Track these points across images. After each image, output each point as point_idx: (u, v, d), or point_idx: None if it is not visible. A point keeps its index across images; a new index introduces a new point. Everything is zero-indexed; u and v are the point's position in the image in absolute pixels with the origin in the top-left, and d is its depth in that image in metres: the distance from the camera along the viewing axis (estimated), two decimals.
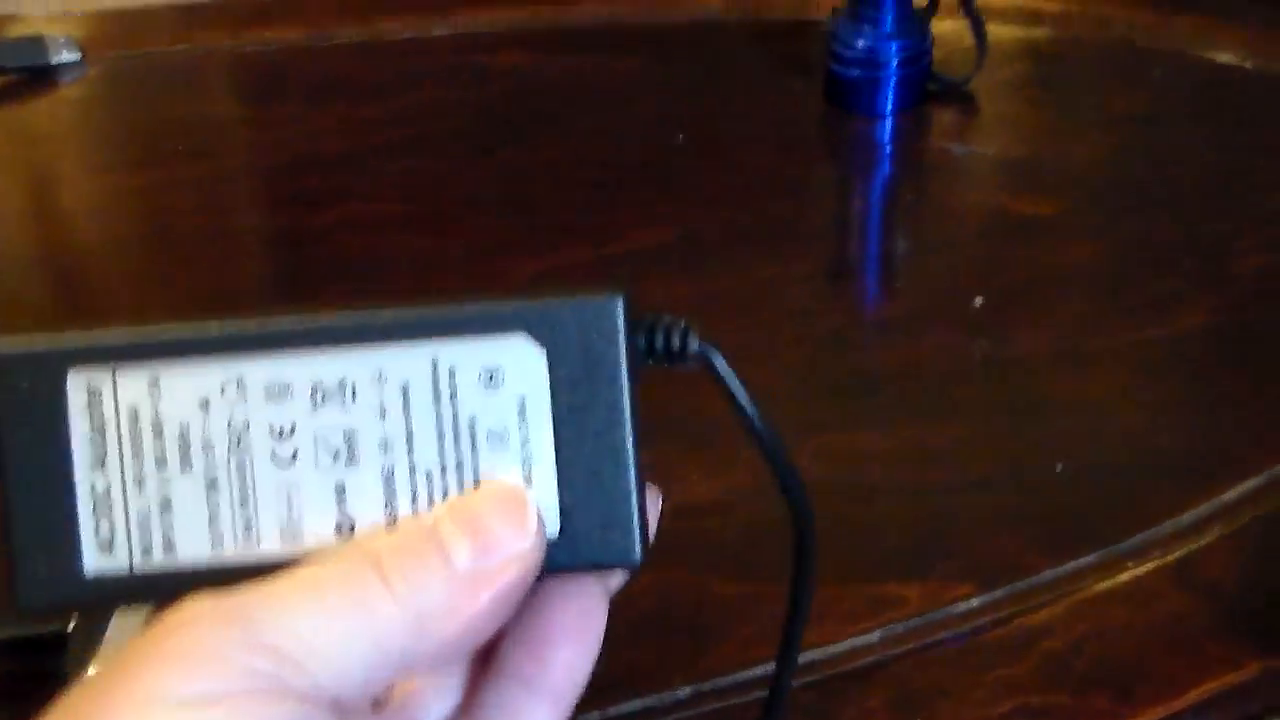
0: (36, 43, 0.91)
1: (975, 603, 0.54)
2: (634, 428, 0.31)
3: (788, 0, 0.97)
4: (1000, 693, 0.51)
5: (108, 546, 0.31)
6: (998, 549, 0.56)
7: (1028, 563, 0.56)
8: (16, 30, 0.93)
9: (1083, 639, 0.53)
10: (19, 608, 0.31)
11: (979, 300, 0.70)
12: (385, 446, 0.31)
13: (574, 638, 0.32)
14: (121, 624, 0.48)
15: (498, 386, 0.31)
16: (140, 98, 0.91)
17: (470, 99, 0.88)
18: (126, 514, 0.31)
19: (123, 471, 0.31)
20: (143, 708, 0.26)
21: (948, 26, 0.87)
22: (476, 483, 0.31)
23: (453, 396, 0.31)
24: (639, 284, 0.71)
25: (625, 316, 0.31)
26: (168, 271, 0.75)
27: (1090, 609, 0.54)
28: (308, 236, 0.77)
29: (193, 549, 0.31)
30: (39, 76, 0.90)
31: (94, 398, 0.31)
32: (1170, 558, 0.55)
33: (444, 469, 0.31)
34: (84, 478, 0.31)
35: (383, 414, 0.31)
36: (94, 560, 0.31)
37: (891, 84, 0.84)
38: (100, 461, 0.31)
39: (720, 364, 0.32)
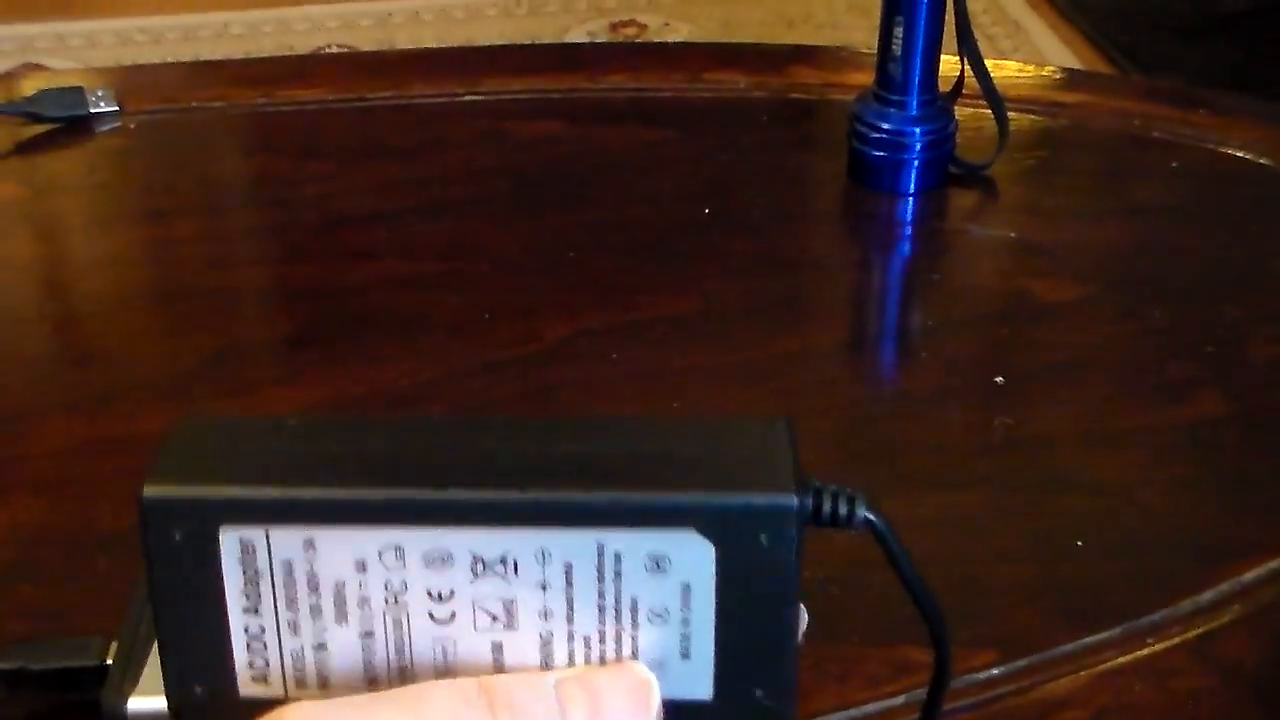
0: (76, 94, 0.92)
1: (996, 671, 0.55)
2: (796, 609, 0.31)
3: (811, 80, 0.99)
4: None
5: (263, 679, 0.31)
6: (1018, 619, 0.57)
7: (1048, 634, 0.56)
8: (56, 82, 0.95)
9: (1103, 711, 0.53)
10: None
11: (1000, 379, 0.71)
12: (545, 615, 0.31)
13: None
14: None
15: (663, 573, 0.31)
16: (175, 151, 0.93)
17: (502, 164, 0.90)
18: (281, 653, 0.31)
19: (277, 617, 0.31)
20: None
21: (970, 113, 0.89)
22: (635, 653, 0.31)
23: (616, 578, 0.31)
24: (664, 351, 0.73)
25: (800, 520, 0.31)
26: (197, 323, 0.76)
27: (1111, 682, 0.54)
28: (339, 292, 0.78)
29: (348, 689, 0.31)
30: (77, 126, 0.92)
31: (247, 552, 0.31)
32: (1191, 634, 0.56)
33: (603, 636, 0.31)
34: (237, 620, 0.31)
35: (544, 587, 0.30)
36: (249, 689, 0.31)
37: (915, 166, 0.86)
38: (254, 608, 0.31)
39: (888, 535, 0.33)
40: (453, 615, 0.31)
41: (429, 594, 0.30)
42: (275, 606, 0.31)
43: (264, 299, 0.81)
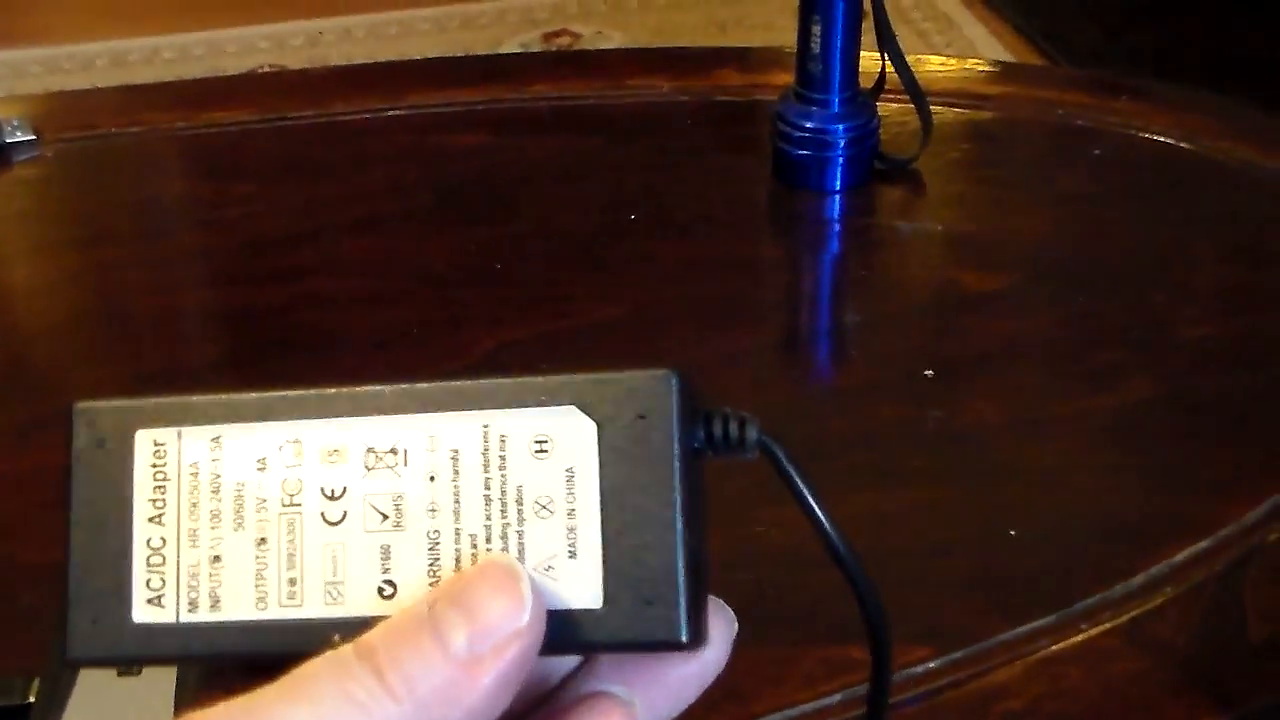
0: None
1: (933, 665, 0.55)
2: (684, 506, 0.31)
3: (736, 82, 0.99)
4: None
5: (157, 600, 0.32)
6: (954, 612, 0.57)
7: (983, 625, 0.56)
8: None
9: (1039, 699, 0.53)
10: (66, 658, 0.32)
11: (929, 372, 0.71)
12: (432, 511, 0.31)
13: None
14: (85, 694, 0.48)
15: (547, 456, 0.31)
16: (95, 178, 0.92)
17: (426, 178, 0.89)
18: (178, 569, 0.32)
19: (179, 527, 0.32)
20: None
21: (894, 108, 0.89)
22: (521, 552, 0.31)
23: (502, 464, 0.31)
24: (593, 357, 0.72)
25: (679, 395, 0.31)
26: (122, 350, 0.76)
27: (1046, 670, 0.54)
28: (265, 313, 0.77)
29: (238, 607, 0.32)
30: None
31: (159, 456, 0.32)
32: (1123, 618, 0.56)
33: (489, 535, 0.31)
34: (141, 532, 0.32)
35: (432, 479, 0.31)
36: (142, 614, 0.32)
37: (839, 163, 0.86)
38: (158, 517, 0.32)
39: (783, 458, 0.32)
40: (344, 515, 0.31)
41: (323, 493, 0.32)
42: (178, 514, 0.32)
43: (190, 323, 0.80)
